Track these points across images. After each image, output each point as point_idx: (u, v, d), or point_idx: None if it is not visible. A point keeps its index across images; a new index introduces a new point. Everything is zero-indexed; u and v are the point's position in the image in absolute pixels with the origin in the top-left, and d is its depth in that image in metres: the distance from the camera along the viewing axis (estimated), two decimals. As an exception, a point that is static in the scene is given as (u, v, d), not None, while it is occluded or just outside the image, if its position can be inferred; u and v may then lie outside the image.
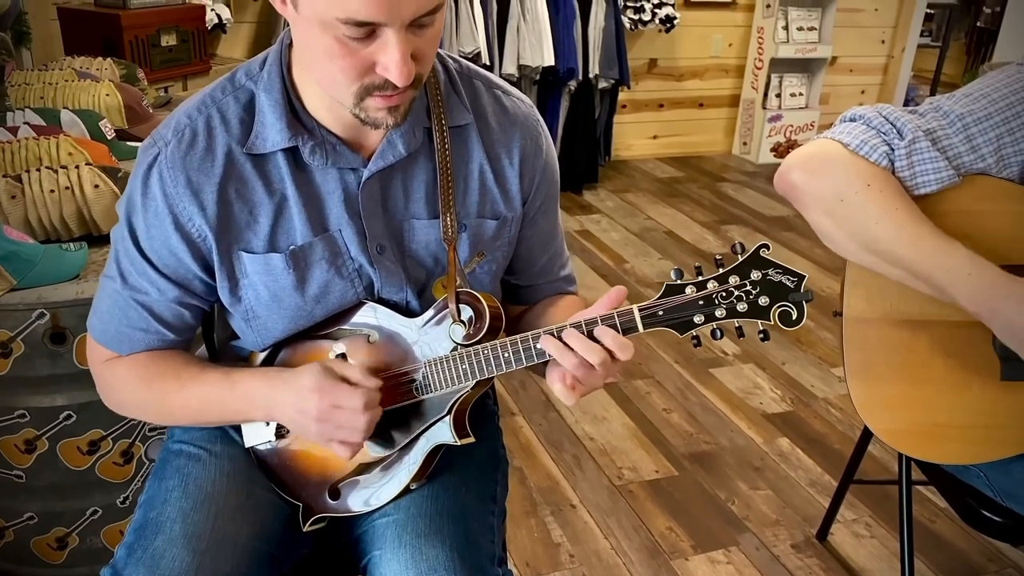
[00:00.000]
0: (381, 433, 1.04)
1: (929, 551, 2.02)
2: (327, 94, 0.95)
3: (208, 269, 1.03)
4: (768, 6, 4.96)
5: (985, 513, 1.35)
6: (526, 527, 2.05)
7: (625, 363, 0.94)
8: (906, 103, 5.64)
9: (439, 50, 1.05)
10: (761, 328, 0.93)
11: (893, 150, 1.16)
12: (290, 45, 0.99)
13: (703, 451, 2.38)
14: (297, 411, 1.00)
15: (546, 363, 0.98)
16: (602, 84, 4.51)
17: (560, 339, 0.94)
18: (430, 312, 1.04)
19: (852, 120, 1.21)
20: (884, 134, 1.17)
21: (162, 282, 1.03)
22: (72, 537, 1.67)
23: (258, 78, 1.00)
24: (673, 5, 4.66)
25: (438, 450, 1.07)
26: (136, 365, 1.07)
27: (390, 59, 0.85)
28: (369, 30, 0.83)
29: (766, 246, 0.91)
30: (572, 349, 0.94)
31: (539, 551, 1.98)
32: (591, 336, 0.94)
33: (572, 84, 4.38)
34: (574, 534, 2.04)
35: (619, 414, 2.55)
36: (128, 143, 2.08)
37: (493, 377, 1.02)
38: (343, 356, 1.07)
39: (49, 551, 1.67)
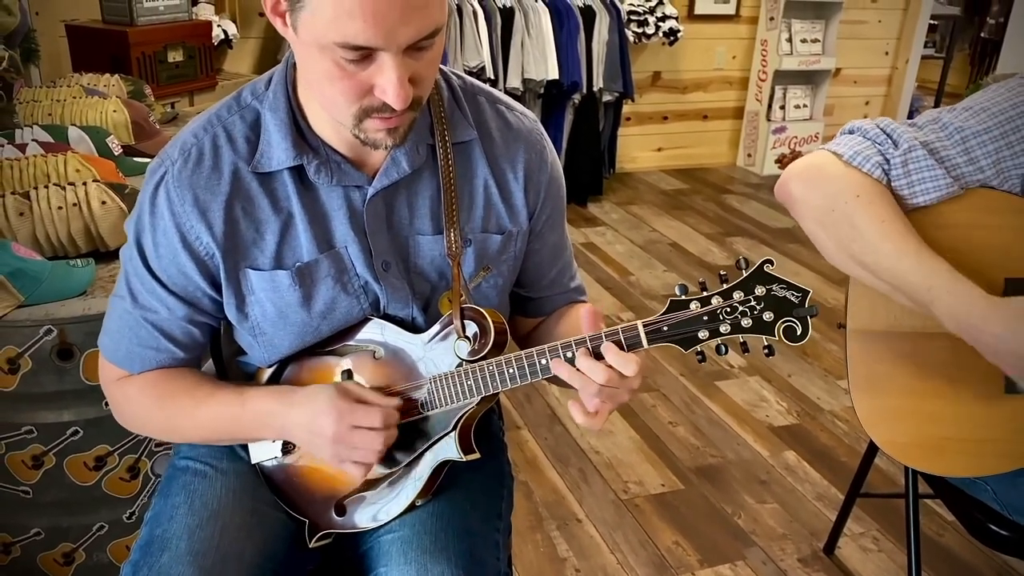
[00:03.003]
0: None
1: (937, 565, 2.01)
2: (328, 115, 0.96)
3: (216, 286, 1.03)
4: (771, 18, 4.98)
5: (992, 527, 1.34)
6: (532, 542, 2.05)
7: (638, 378, 0.93)
8: (910, 114, 5.64)
9: (442, 66, 1.06)
10: (766, 343, 0.93)
11: (888, 160, 1.16)
12: (295, 65, 1.00)
13: (709, 464, 2.38)
14: (311, 431, 1.00)
15: (555, 376, 0.98)
16: (606, 97, 4.53)
17: (570, 362, 0.94)
18: (435, 328, 1.04)
19: (850, 132, 1.22)
20: (879, 145, 1.17)
21: (171, 300, 1.03)
22: (79, 553, 1.67)
23: (263, 97, 1.01)
24: (677, 18, 4.68)
25: (444, 466, 1.07)
26: (147, 384, 1.08)
27: (387, 82, 0.85)
28: (366, 54, 0.84)
29: (770, 261, 0.92)
30: (582, 371, 0.94)
31: (545, 566, 1.97)
32: (597, 355, 0.94)
33: (576, 97, 4.40)
34: (580, 549, 2.03)
35: (625, 427, 2.54)
36: (135, 159, 2.09)
37: (498, 393, 1.02)
38: (349, 372, 1.07)
39: (56, 567, 1.67)
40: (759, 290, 0.92)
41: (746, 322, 0.92)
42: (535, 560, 1.99)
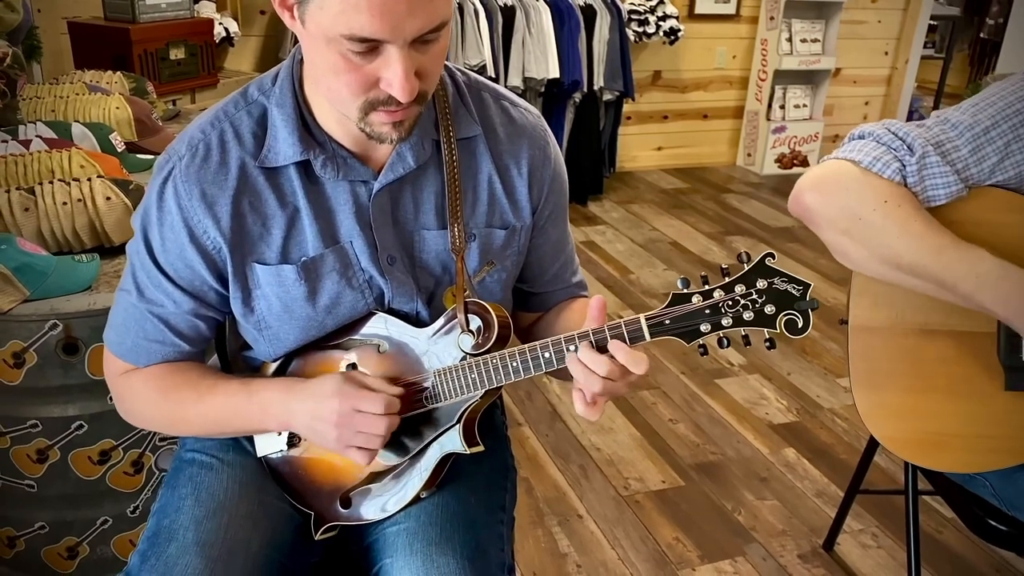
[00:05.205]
0: (392, 442, 1.05)
1: (936, 561, 2.02)
2: (334, 108, 0.97)
3: (223, 280, 1.04)
4: (772, 18, 4.99)
5: (991, 522, 1.35)
6: (533, 537, 2.06)
7: (639, 374, 0.94)
8: (910, 115, 5.65)
9: (447, 63, 1.07)
10: (767, 336, 0.94)
11: (905, 166, 1.17)
12: (302, 60, 1.01)
13: (709, 461, 2.39)
14: (315, 418, 1.01)
15: (558, 370, 0.99)
16: (607, 96, 4.54)
17: (574, 353, 0.95)
18: (439, 322, 1.05)
19: (861, 138, 1.22)
20: (895, 150, 1.17)
21: (178, 294, 1.04)
22: (82, 547, 1.68)
23: (270, 93, 1.02)
24: (677, 18, 4.69)
25: (448, 459, 1.07)
26: (152, 377, 1.09)
27: (393, 75, 0.86)
28: (372, 46, 0.85)
29: (771, 255, 0.92)
30: (584, 363, 0.94)
31: (546, 561, 1.98)
32: (601, 349, 0.95)
33: (577, 96, 4.40)
34: (581, 544, 2.04)
35: (625, 425, 2.55)
36: (138, 156, 2.10)
37: (502, 386, 1.03)
38: (354, 366, 1.08)
39: (60, 560, 1.68)
40: (761, 283, 0.92)
41: (748, 315, 0.93)
42: (536, 555, 2.00)
